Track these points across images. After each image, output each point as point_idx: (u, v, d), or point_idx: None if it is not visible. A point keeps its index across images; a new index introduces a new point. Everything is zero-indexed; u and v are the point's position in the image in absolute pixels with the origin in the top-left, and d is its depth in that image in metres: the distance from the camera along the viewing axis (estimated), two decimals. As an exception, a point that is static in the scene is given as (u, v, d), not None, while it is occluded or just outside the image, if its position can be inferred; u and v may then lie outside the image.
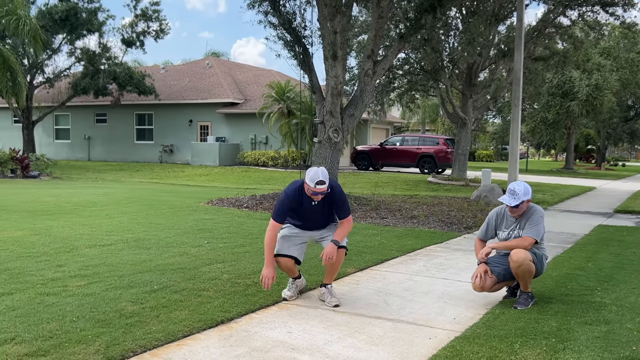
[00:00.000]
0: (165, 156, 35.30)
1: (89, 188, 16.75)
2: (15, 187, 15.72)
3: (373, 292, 5.65)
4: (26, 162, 22.32)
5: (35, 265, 5.87)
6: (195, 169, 29.64)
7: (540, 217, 5.23)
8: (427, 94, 24.41)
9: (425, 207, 12.63)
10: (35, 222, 8.68)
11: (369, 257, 7.16)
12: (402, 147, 27.49)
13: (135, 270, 5.84)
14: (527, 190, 5.25)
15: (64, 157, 38.24)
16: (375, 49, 12.15)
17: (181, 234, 8.14)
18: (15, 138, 34.80)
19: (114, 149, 37.02)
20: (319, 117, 12.51)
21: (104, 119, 37.73)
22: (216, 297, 5.09)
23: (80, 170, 29.61)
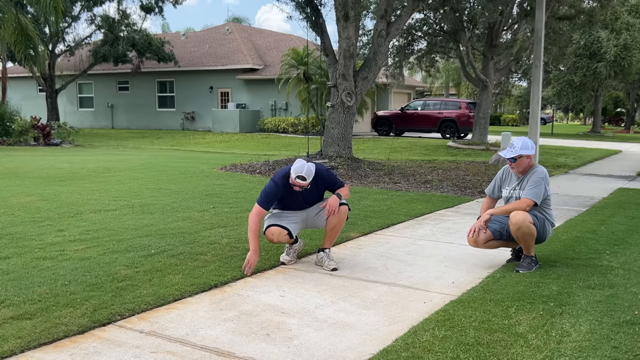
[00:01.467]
0: (187, 123, 35.37)
1: (107, 155, 16.85)
2: (34, 155, 15.86)
3: (374, 256, 5.55)
4: (47, 130, 22.52)
5: (37, 230, 5.89)
6: (216, 135, 29.65)
7: (540, 178, 5.03)
8: (447, 57, 23.88)
9: (441, 171, 12.43)
10: (45, 188, 8.73)
11: (374, 222, 7.05)
12: (423, 112, 27.09)
13: (135, 235, 5.82)
14: (526, 145, 5.05)
15: (88, 125, 38.57)
16: (388, 9, 11.85)
17: (188, 199, 8.11)
18: (41, 107, 35.13)
19: (137, 117, 37.21)
20: (331, 80, 12.32)
21: (126, 87, 37.84)
22: (213, 261, 5.05)
23: (102, 137, 29.83)
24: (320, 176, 5.08)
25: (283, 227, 5.03)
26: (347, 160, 11.87)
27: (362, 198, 8.78)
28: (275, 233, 5.04)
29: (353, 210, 7.58)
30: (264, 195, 5.06)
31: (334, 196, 5.03)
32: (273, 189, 5.05)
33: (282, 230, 5.03)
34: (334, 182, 5.18)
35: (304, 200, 5.15)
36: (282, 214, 5.19)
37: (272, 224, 5.06)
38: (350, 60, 11.83)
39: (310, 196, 5.14)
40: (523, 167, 5.09)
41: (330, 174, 5.22)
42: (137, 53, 32.74)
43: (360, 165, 11.81)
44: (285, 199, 5.13)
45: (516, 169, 5.13)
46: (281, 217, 5.13)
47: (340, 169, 11.23)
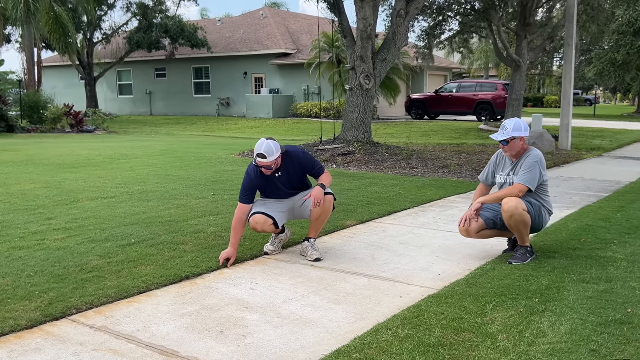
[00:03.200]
0: (223, 109, 35.46)
1: (134, 142, 16.93)
2: (62, 141, 16.04)
3: (364, 246, 5.30)
4: (80, 117, 22.81)
5: (26, 219, 5.84)
6: (249, 121, 29.62)
7: (534, 162, 4.67)
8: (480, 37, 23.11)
9: (464, 155, 12.01)
10: (54, 175, 8.74)
11: (376, 209, 6.78)
12: (458, 94, 26.41)
13: (121, 223, 5.71)
14: (519, 126, 4.70)
15: (127, 112, 39.10)
16: (408, -12, 11.41)
17: (192, 186, 7.98)
18: (82, 95, 35.76)
19: (174, 104, 37.49)
20: (349, 63, 12.00)
21: (163, 74, 38.13)
22: (191, 252, 4.89)
23: (138, 124, 30.14)
24: (296, 158, 4.85)
25: (269, 215, 4.80)
26: (366, 145, 11.56)
27: (372, 184, 8.49)
28: (260, 222, 4.80)
29: (356, 198, 7.36)
30: (242, 189, 4.88)
31: (317, 187, 4.78)
32: (247, 181, 4.86)
33: (268, 219, 4.79)
34: (312, 165, 4.93)
35: (283, 187, 4.90)
36: (268, 202, 4.97)
37: (257, 212, 4.82)
38: (368, 42, 11.48)
39: (288, 182, 4.89)
40: (516, 150, 4.74)
41: (307, 157, 4.95)
42: (170, 39, 32.91)
43: (379, 150, 11.49)
44: (264, 188, 4.91)
45: (509, 153, 4.78)
46: (267, 205, 4.90)
47: (357, 154, 10.95)
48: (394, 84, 25.73)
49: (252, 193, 4.87)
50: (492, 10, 17.81)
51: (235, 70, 34.88)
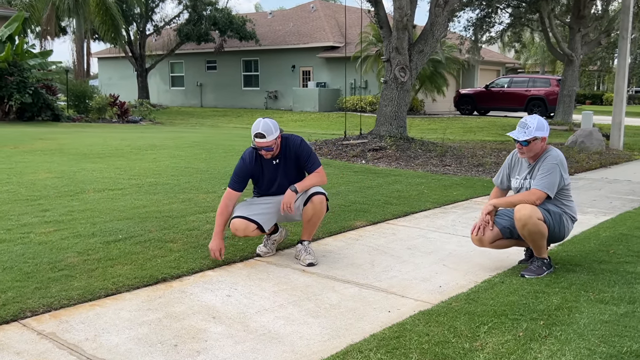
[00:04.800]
0: (270, 102, 35.37)
1: (173, 132, 16.88)
2: (101, 131, 16.11)
3: (367, 250, 4.87)
4: (125, 107, 23.02)
5: (22, 210, 5.65)
6: (294, 114, 29.38)
7: (554, 164, 4.11)
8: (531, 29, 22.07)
9: (504, 154, 11.34)
10: (72, 165, 8.62)
11: (392, 209, 6.32)
12: (509, 90, 25.38)
13: (116, 217, 5.45)
14: (542, 125, 4.14)
15: (178, 103, 39.52)
16: (448, -24, 10.83)
17: (206, 179, 7.70)
18: (136, 86, 36.31)
19: (224, 96, 37.63)
20: (385, 54, 11.50)
21: (214, 66, 38.31)
22: (178, 250, 4.57)
23: (185, 116, 30.32)
24: (294, 146, 4.49)
25: (250, 220, 4.37)
26: (399, 140, 11.06)
27: (395, 182, 8.02)
28: (240, 228, 4.38)
29: (374, 196, 6.92)
30: (233, 174, 4.52)
31: (288, 191, 4.34)
32: (240, 165, 4.50)
33: (249, 224, 4.35)
34: (307, 156, 4.51)
35: (279, 177, 4.50)
36: (254, 202, 4.58)
37: (237, 216, 4.41)
38: (404, 33, 10.95)
39: (284, 172, 4.50)
40: (535, 151, 4.19)
41: (304, 146, 4.55)
42: (219, 32, 32.96)
43: (412, 145, 10.97)
44: (257, 176, 4.53)
45: (527, 155, 4.22)
46: (251, 207, 4.49)
47: (389, 150, 10.46)
48: (441, 78, 24.97)
49: (244, 179, 4.50)
50: (543, 2, 16.91)
51: (284, 63, 34.71)
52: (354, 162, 9.82)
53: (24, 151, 10.33)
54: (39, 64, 20.67)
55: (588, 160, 10.77)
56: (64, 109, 21.65)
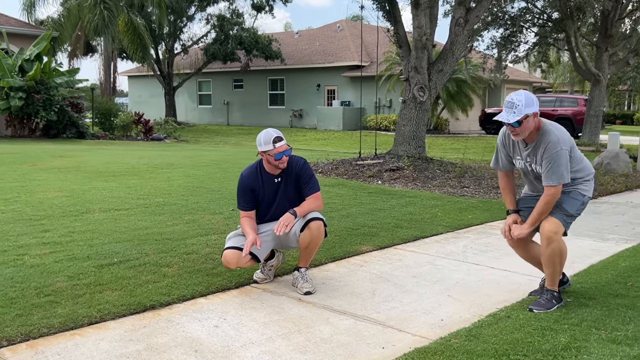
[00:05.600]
0: (295, 121, 35.43)
1: (194, 151, 16.89)
2: (123, 149, 16.18)
3: (370, 278, 4.65)
4: (149, 125, 23.19)
5: (22, 230, 5.57)
6: (318, 133, 29.31)
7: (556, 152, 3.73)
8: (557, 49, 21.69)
9: (525, 175, 11.00)
10: (84, 183, 8.58)
11: (402, 233, 6.09)
12: (535, 110, 24.92)
13: (115, 239, 5.33)
14: (531, 100, 3.74)
15: (206, 121, 39.84)
16: (468, -6, 10.63)
17: (215, 200, 7.57)
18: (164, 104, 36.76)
19: (250, 114, 37.82)
20: (404, 73, 11.32)
21: (240, 85, 38.59)
22: (172, 276, 4.41)
23: (210, 134, 30.48)
24: (297, 165, 4.35)
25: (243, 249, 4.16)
26: (417, 160, 10.82)
27: (409, 204, 7.78)
28: (232, 260, 4.16)
29: (384, 219, 6.70)
30: (238, 196, 4.39)
31: (287, 213, 4.16)
32: (240, 185, 4.37)
33: (241, 255, 4.13)
34: (309, 178, 4.34)
35: (279, 197, 4.34)
36: None
37: (229, 247, 4.22)
38: (423, 52, 10.77)
39: (284, 192, 4.34)
40: (529, 129, 3.77)
41: (307, 167, 4.40)
42: (245, 51, 33.20)
43: (430, 166, 10.72)
44: (259, 192, 4.34)
45: (521, 136, 3.81)
46: (243, 237, 4.28)
47: (406, 170, 10.23)
48: (466, 97, 24.66)
49: (249, 195, 4.33)
50: (569, 21, 16.58)
51: (309, 82, 34.80)
52: (369, 183, 9.62)
53: (40, 169, 10.35)
54: (66, 82, 20.95)
55: (613, 183, 10.39)
56: (89, 127, 21.89)
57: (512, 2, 16.90)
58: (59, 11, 27.90)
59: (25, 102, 18.60)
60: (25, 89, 18.65)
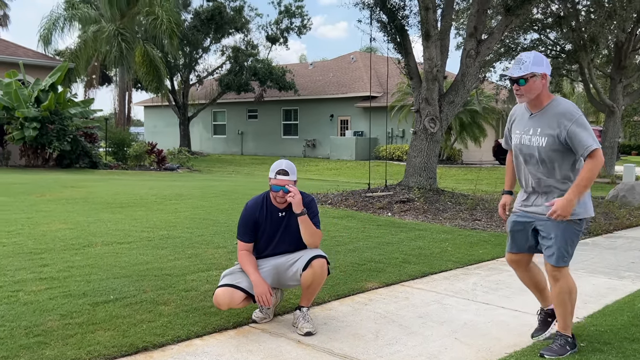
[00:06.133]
0: (308, 150, 35.50)
1: (205, 181, 16.86)
2: (134, 179, 16.18)
3: (374, 318, 4.47)
4: (162, 155, 23.27)
5: (21, 264, 5.47)
6: (331, 163, 29.28)
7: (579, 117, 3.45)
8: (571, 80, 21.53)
9: (539, 208, 10.77)
10: (90, 215, 8.50)
11: (410, 269, 5.91)
12: (549, 140, 24.71)
13: (114, 274, 5.20)
14: (540, 59, 3.52)
15: (220, 151, 40.04)
16: (479, 26, 10.59)
17: (220, 233, 7.44)
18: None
19: (264, 144, 37.98)
20: (414, 105, 11.24)
21: (255, 115, 38.87)
22: (168, 315, 4.26)
23: (224, 163, 30.56)
24: (304, 200, 4.19)
25: (237, 287, 4.02)
26: (428, 192, 10.66)
27: (418, 237, 7.60)
28: (224, 300, 3.99)
29: (392, 254, 6.54)
30: (239, 225, 4.26)
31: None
32: (244, 215, 4.24)
33: (235, 292, 4.00)
34: (313, 216, 4.21)
35: (282, 231, 4.20)
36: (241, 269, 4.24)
37: (222, 285, 4.06)
38: (434, 83, 10.69)
39: (287, 227, 4.20)
40: (536, 92, 3.52)
41: (314, 205, 4.27)
42: (259, 82, 33.49)
43: (441, 198, 10.55)
44: (261, 224, 4.20)
45: (526, 97, 3.56)
46: (238, 274, 4.14)
47: (417, 202, 10.06)
48: (478, 127, 24.54)
49: (251, 229, 4.20)
50: (582, 52, 16.47)
51: (322, 113, 34.95)
52: (379, 215, 9.46)
53: (49, 199, 10.32)
54: (81, 112, 21.15)
55: (629, 216, 10.13)
56: (102, 156, 22.00)
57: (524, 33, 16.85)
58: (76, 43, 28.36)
59: (40, 132, 18.75)
60: (39, 119, 18.82)
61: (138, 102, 45.60)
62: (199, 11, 33.05)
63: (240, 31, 34.71)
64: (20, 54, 22.31)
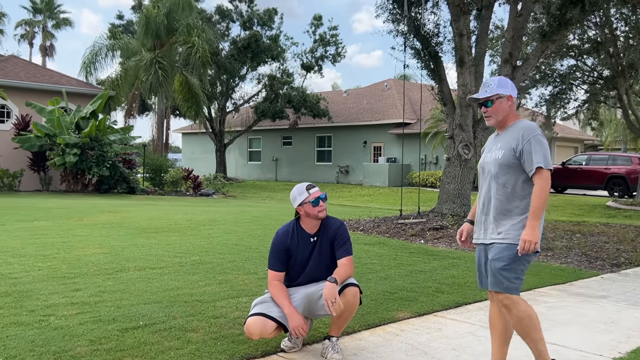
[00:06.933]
0: (341, 177, 35.50)
1: (239, 207, 16.95)
2: (169, 204, 16.37)
3: (405, 349, 4.36)
4: (198, 181, 23.53)
5: (54, 288, 5.53)
6: (364, 189, 29.18)
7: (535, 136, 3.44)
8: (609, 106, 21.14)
9: (577, 237, 10.50)
10: (125, 240, 8.59)
11: (443, 299, 5.78)
12: (587, 167, 24.19)
13: (144, 300, 5.21)
14: (506, 83, 3.61)
15: (255, 177, 40.38)
16: (514, 52, 10.49)
17: (252, 259, 7.43)
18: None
19: (298, 170, 38.16)
20: (448, 131, 11.14)
21: (289, 142, 39.15)
22: (196, 342, 4.23)
23: (258, 189, 30.74)
24: (334, 225, 4.21)
25: (269, 317, 3.96)
26: (462, 218, 10.49)
27: (452, 266, 7.45)
28: (255, 330, 3.91)
29: (424, 282, 6.42)
30: (270, 253, 4.24)
31: (328, 284, 3.90)
32: (275, 242, 4.23)
33: (267, 322, 3.93)
34: (344, 241, 4.16)
35: (314, 258, 4.16)
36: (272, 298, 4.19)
37: (254, 314, 4.01)
38: (468, 110, 10.60)
39: (318, 253, 4.16)
40: (503, 114, 3.58)
41: (345, 230, 4.23)
42: (293, 109, 33.80)
43: (476, 226, 10.34)
44: (293, 251, 4.18)
45: (493, 118, 3.61)
46: (269, 304, 4.07)
47: (450, 229, 9.90)
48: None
49: (283, 257, 4.17)
50: (620, 78, 16.17)
51: (356, 139, 35.01)
52: (411, 242, 9.33)
53: (85, 224, 10.48)
54: (120, 139, 21.61)
55: (674, 246, 9.78)
56: (139, 182, 22.36)
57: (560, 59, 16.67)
58: (117, 71, 29.12)
59: (80, 158, 19.19)
60: (80, 146, 19.29)
61: (176, 129, 46.46)
62: (236, 40, 33.66)
63: (276, 59, 35.15)
64: (63, 82, 22.99)
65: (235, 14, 34.87)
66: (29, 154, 20.58)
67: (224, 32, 34.87)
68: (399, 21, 11.78)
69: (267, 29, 34.65)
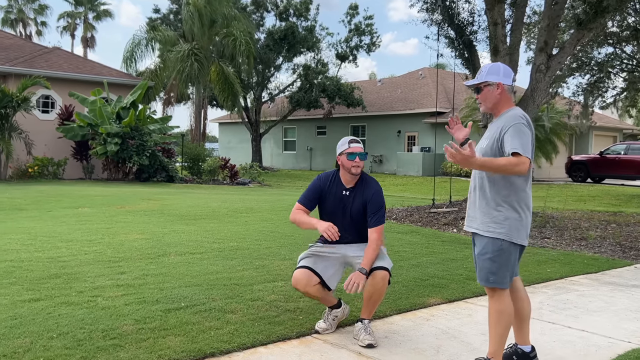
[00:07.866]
0: (375, 166, 35.51)
1: (275, 195, 17.22)
2: (207, 192, 16.72)
3: (435, 333, 4.50)
4: (235, 170, 23.88)
5: (100, 271, 5.82)
6: (397, 178, 29.18)
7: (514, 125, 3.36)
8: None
9: (612, 227, 10.43)
10: (166, 226, 8.90)
11: (473, 286, 5.89)
12: (626, 157, 23.74)
13: (185, 283, 5.46)
14: (497, 69, 3.57)
15: (289, 167, 40.69)
16: (549, 41, 10.41)
17: (287, 245, 7.64)
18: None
19: (331, 159, 38.25)
20: (482, 120, 11.14)
21: (323, 131, 39.29)
22: (235, 323, 4.45)
23: (293, 178, 30.98)
24: (370, 186, 4.39)
25: (314, 272, 4.28)
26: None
27: (484, 256, 7.52)
28: (302, 281, 4.28)
29: (456, 270, 6.53)
30: (305, 191, 4.53)
31: (357, 273, 4.10)
32: (314, 181, 4.51)
33: (312, 277, 4.27)
34: (379, 207, 4.32)
35: (344, 210, 4.38)
36: (319, 252, 4.44)
37: (301, 266, 4.35)
38: (503, 99, 10.56)
39: (350, 208, 4.37)
40: (492, 101, 3.58)
41: (381, 196, 4.40)
42: (327, 98, 33.90)
43: (510, 216, 10.35)
44: (325, 196, 4.42)
45: (484, 106, 3.64)
46: (317, 258, 4.39)
47: (484, 220, 9.94)
48: (550, 144, 23.89)
49: (314, 196, 4.46)
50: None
51: (390, 129, 34.94)
52: (444, 231, 9.42)
53: (127, 211, 10.85)
54: (159, 129, 22.08)
55: None
56: (178, 171, 22.83)
57: (598, 47, 16.41)
58: (156, 62, 29.65)
59: (120, 147, 19.70)
60: (120, 135, 19.79)
61: (213, 119, 47.07)
62: (272, 31, 33.87)
63: (311, 50, 35.27)
64: (104, 74, 23.56)
65: (270, 3, 35.08)
66: (72, 143, 21.20)
67: (259, 22, 35.14)
68: (433, 10, 11.80)
69: (302, 19, 34.77)
